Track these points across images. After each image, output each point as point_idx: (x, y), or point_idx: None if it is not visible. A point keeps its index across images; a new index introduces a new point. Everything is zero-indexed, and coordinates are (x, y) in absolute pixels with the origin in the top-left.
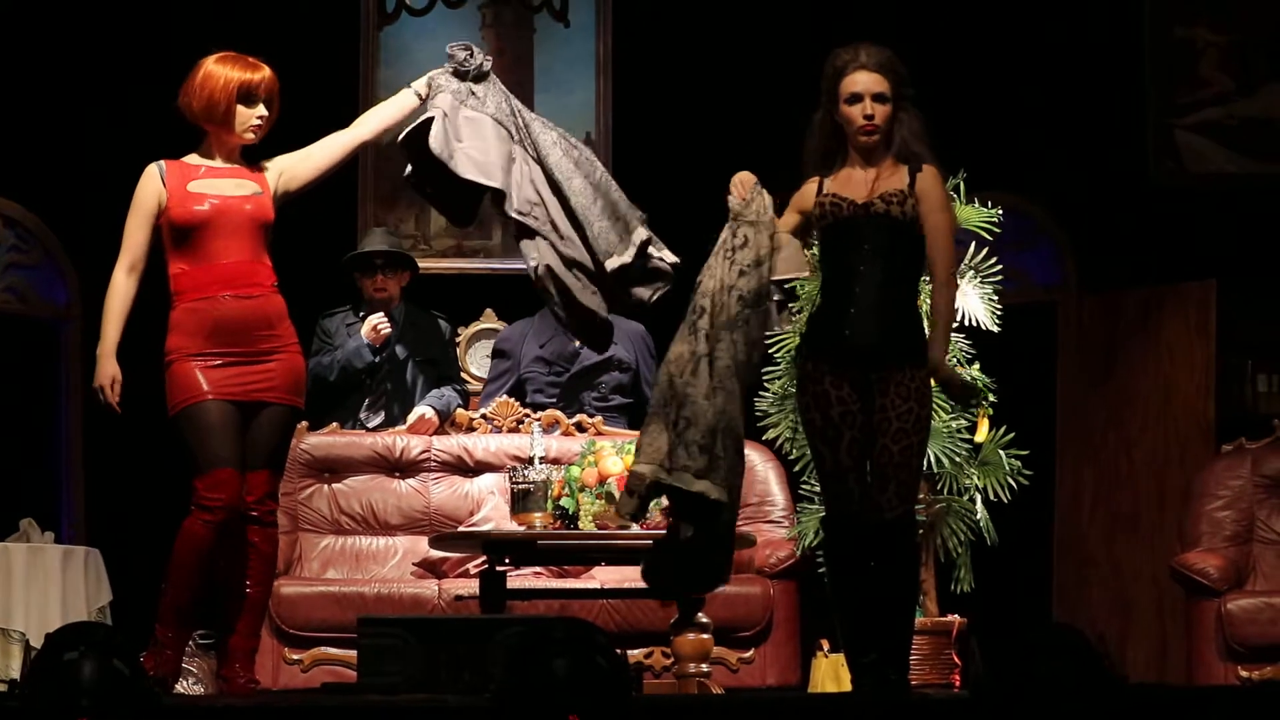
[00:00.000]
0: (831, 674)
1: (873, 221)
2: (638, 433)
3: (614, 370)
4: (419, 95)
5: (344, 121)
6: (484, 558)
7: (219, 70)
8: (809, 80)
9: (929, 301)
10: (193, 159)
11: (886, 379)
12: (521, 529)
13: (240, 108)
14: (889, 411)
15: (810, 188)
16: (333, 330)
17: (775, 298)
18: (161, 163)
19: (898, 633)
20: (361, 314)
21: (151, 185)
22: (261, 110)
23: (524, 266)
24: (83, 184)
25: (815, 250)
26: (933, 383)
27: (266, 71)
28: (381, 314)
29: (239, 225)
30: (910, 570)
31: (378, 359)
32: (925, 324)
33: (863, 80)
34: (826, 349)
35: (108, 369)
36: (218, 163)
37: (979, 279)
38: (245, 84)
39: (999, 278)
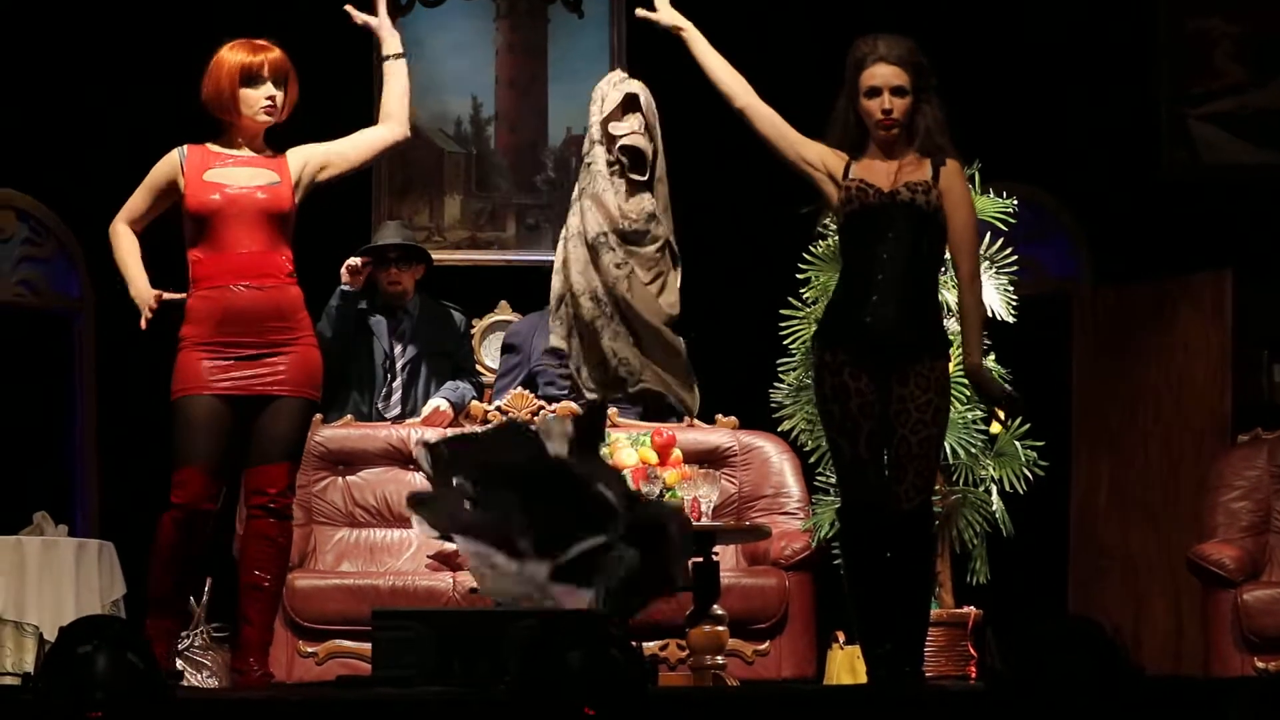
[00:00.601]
0: (847, 666)
1: (898, 210)
2: (652, 424)
3: None
4: (397, 55)
5: (356, 113)
6: None
7: (225, 57)
8: (826, 71)
9: (955, 298)
10: (216, 147)
11: (906, 369)
12: None
13: (245, 91)
14: (908, 402)
15: (839, 160)
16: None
17: None
18: (184, 147)
19: (913, 624)
20: (374, 304)
21: (168, 165)
22: (269, 90)
23: (538, 258)
24: (96, 176)
25: (831, 241)
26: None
27: (273, 52)
28: (354, 259)
29: (252, 215)
30: (926, 562)
31: (351, 289)
32: (945, 316)
33: (881, 74)
34: (846, 338)
35: (147, 292)
36: (239, 151)
37: (994, 270)
38: (246, 67)
39: (1014, 269)
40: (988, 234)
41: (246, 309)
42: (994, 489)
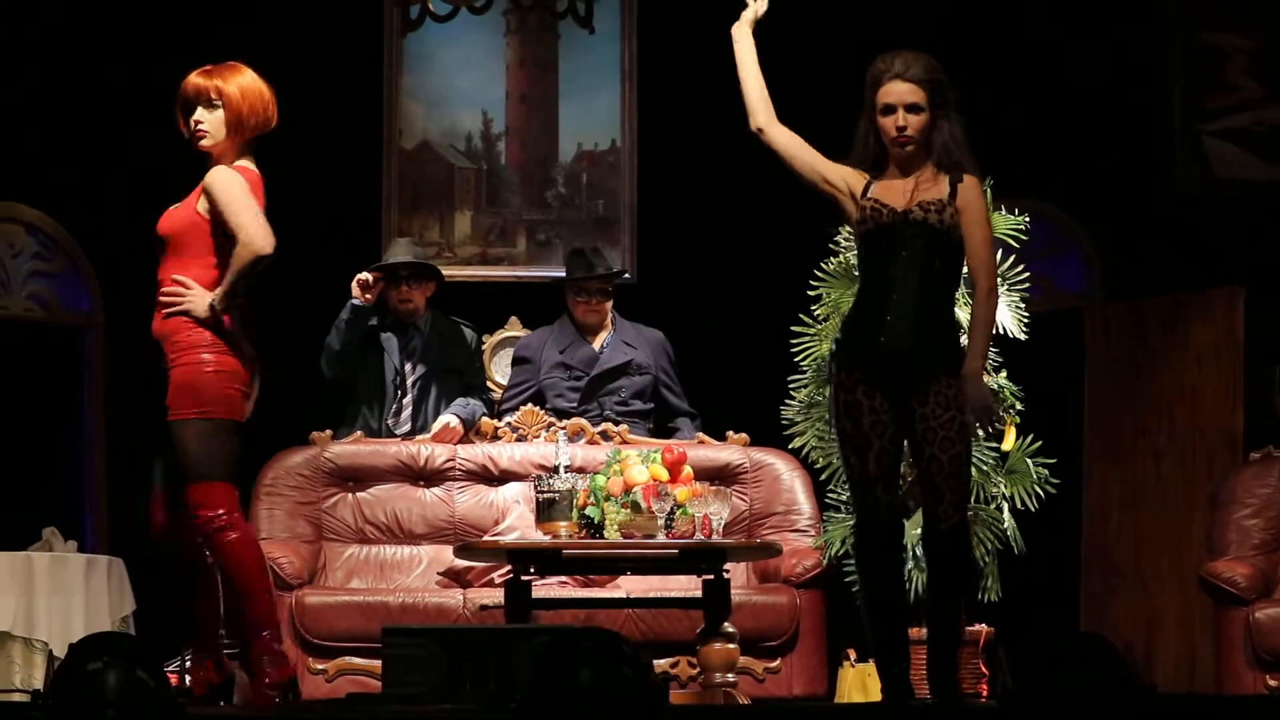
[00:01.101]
0: (858, 684)
1: (911, 229)
2: (662, 441)
3: (633, 374)
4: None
5: (368, 126)
6: (509, 567)
7: None
8: (837, 87)
9: (970, 312)
10: None
11: (925, 388)
12: (547, 538)
13: (190, 120)
14: (932, 421)
15: (860, 179)
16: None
17: None
18: None
19: (951, 641)
20: (385, 320)
21: None
22: (197, 115)
23: (548, 274)
24: (106, 191)
25: (842, 258)
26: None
27: (198, 78)
28: (365, 274)
29: (161, 244)
30: (967, 578)
31: (361, 304)
32: (963, 333)
33: (896, 91)
34: (861, 356)
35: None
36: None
37: (1006, 286)
38: (180, 97)
39: (1025, 285)
40: (1000, 251)
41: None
42: (1005, 506)
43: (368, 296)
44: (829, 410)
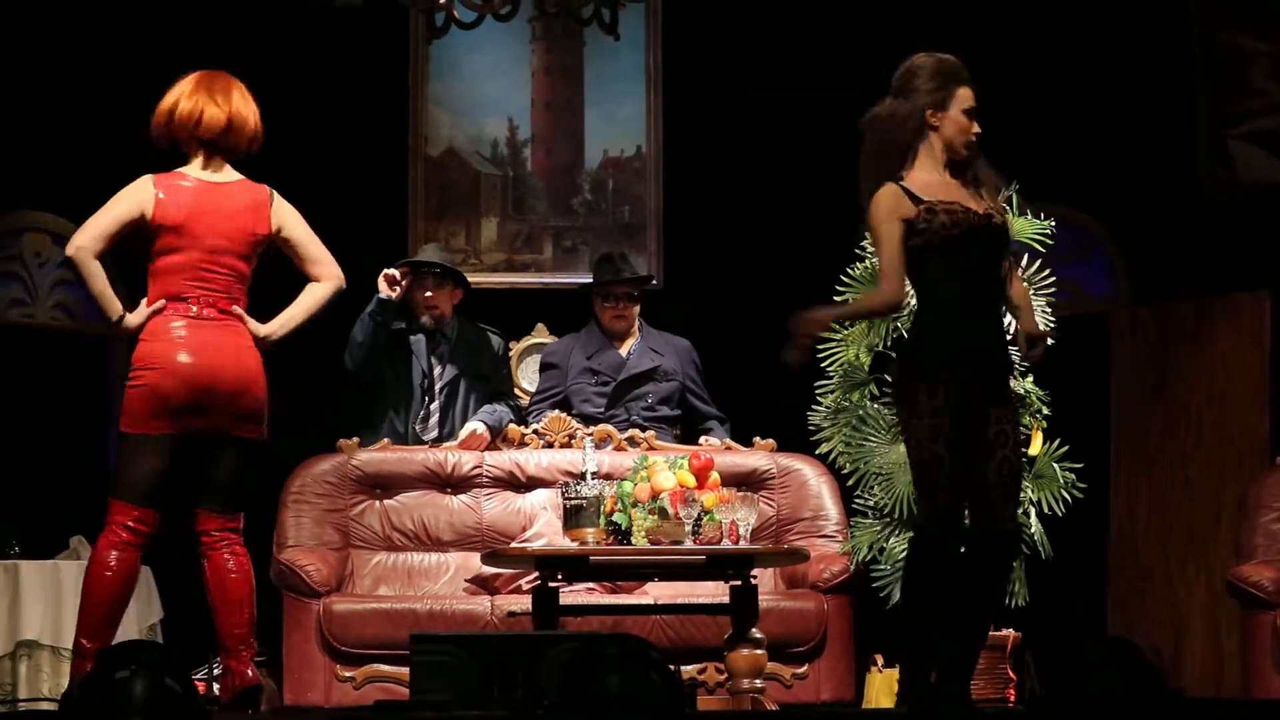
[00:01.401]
0: (886, 689)
1: (994, 232)
2: (689, 447)
3: (660, 380)
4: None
5: (394, 133)
6: (536, 574)
7: None
8: (860, 91)
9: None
10: None
11: (1002, 389)
12: (574, 545)
13: None
14: (1005, 423)
15: (900, 192)
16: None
17: None
18: None
19: (976, 644)
20: (413, 325)
21: None
22: None
23: (575, 280)
24: None
25: (868, 263)
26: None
27: None
28: (391, 269)
29: None
30: (1007, 583)
31: (389, 299)
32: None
33: (973, 95)
34: (953, 358)
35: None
36: None
37: (1032, 291)
38: None
39: (1051, 289)
40: (1026, 255)
41: None
42: (1032, 511)
43: (394, 290)
44: (910, 406)
